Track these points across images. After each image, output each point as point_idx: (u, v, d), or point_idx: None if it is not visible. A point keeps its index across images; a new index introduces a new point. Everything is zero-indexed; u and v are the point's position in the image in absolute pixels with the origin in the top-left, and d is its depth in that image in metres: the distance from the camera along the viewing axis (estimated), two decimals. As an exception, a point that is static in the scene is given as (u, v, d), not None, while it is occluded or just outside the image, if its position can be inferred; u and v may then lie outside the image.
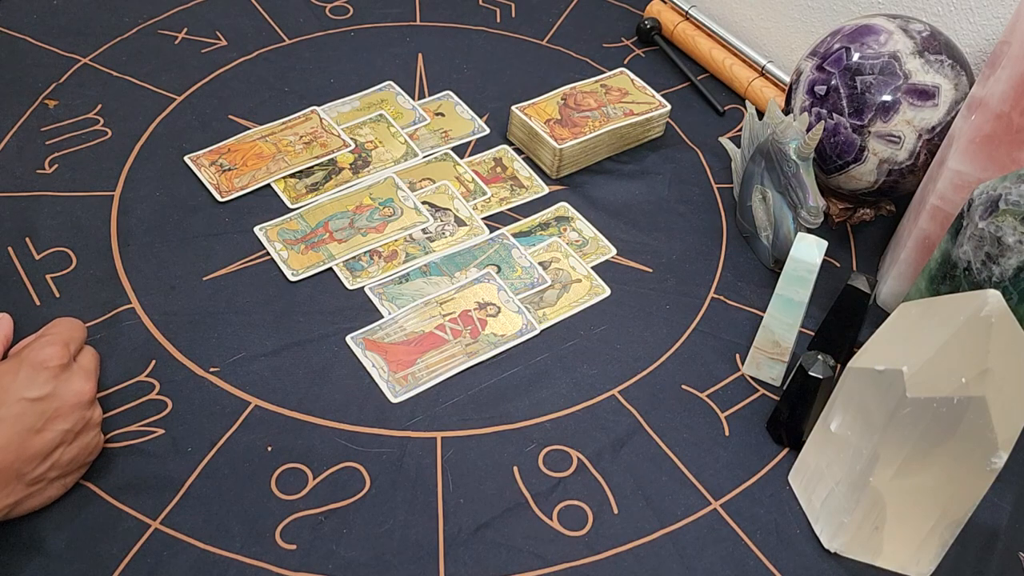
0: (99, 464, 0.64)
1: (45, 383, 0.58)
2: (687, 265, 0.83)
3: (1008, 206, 0.65)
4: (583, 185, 0.89)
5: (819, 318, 0.77)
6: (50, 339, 0.60)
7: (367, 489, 0.65)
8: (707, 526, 0.66)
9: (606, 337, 0.77)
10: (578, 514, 0.66)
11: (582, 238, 0.84)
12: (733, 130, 0.97)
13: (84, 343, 0.65)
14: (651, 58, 1.05)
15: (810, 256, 0.69)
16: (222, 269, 0.78)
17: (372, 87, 0.96)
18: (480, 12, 1.08)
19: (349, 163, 0.88)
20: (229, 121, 0.91)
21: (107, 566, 0.59)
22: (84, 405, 0.60)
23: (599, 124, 0.89)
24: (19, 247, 0.78)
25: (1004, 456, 0.56)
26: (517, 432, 0.70)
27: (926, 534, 0.62)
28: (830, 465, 0.64)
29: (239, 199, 0.84)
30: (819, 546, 0.65)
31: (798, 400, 0.68)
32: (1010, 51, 0.69)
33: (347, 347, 0.73)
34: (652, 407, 0.72)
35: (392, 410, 0.70)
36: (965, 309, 0.55)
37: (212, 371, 0.71)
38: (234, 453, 0.66)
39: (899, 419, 0.57)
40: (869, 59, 0.78)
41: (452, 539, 0.63)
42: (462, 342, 0.74)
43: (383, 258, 0.80)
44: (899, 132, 0.78)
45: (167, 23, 1.01)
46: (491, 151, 0.92)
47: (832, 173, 0.83)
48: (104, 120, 0.89)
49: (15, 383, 0.57)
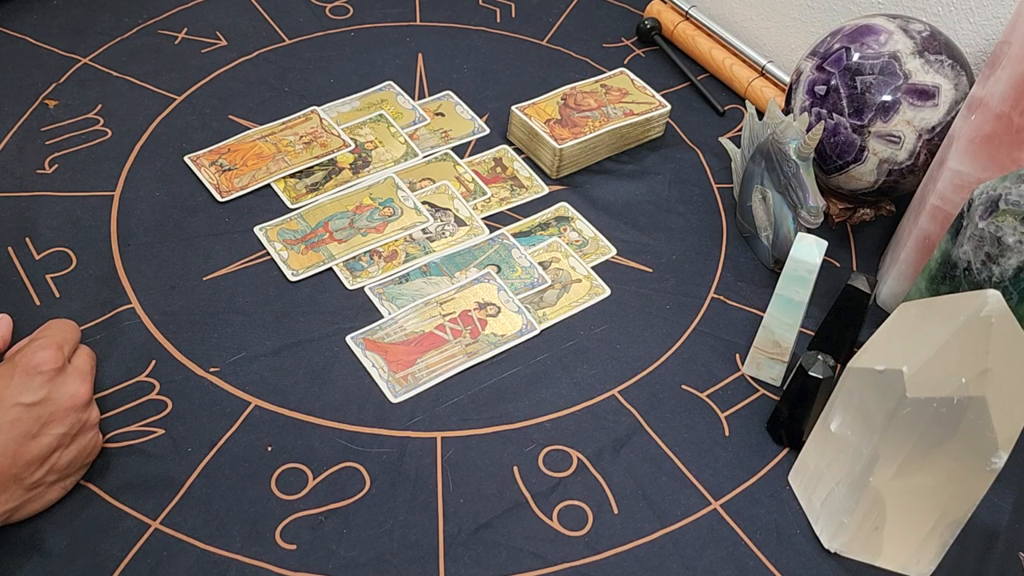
0: (99, 464, 0.64)
1: (39, 388, 0.58)
2: (687, 265, 0.83)
3: (1008, 206, 0.65)
4: (583, 185, 0.89)
5: (819, 318, 0.77)
6: (43, 343, 0.60)
7: (367, 489, 0.65)
8: (707, 526, 0.66)
9: (606, 337, 0.77)
10: (578, 514, 0.66)
11: (582, 238, 0.84)
12: (733, 130, 0.97)
13: (79, 344, 0.65)
14: (651, 58, 1.05)
15: (810, 256, 0.69)
16: (222, 269, 0.78)
17: (372, 87, 0.96)
18: (480, 12, 1.08)
19: (349, 163, 0.88)
20: (229, 121, 0.91)
21: (107, 566, 0.59)
22: (79, 408, 0.60)
23: (599, 124, 0.89)
24: (19, 247, 0.78)
25: (1004, 456, 0.56)
26: (517, 432, 0.70)
27: (926, 534, 0.62)
28: (830, 465, 0.64)
29: (239, 199, 0.84)
30: (819, 546, 0.65)
31: (798, 400, 0.68)
32: (1010, 51, 0.69)
33: (347, 347, 0.73)
34: (652, 407, 0.72)
35: (392, 410, 0.70)
36: (965, 309, 0.55)
37: (212, 371, 0.71)
38: (234, 453, 0.66)
39: (899, 419, 0.57)
40: (869, 59, 0.78)
41: (452, 539, 0.63)
42: (462, 342, 0.74)
43: (383, 258, 0.80)
44: (899, 132, 0.78)
45: (167, 23, 1.01)
46: (491, 151, 0.92)
47: (832, 173, 0.83)
48: (104, 120, 0.89)
49: (9, 389, 0.57)
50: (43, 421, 0.57)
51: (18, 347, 0.62)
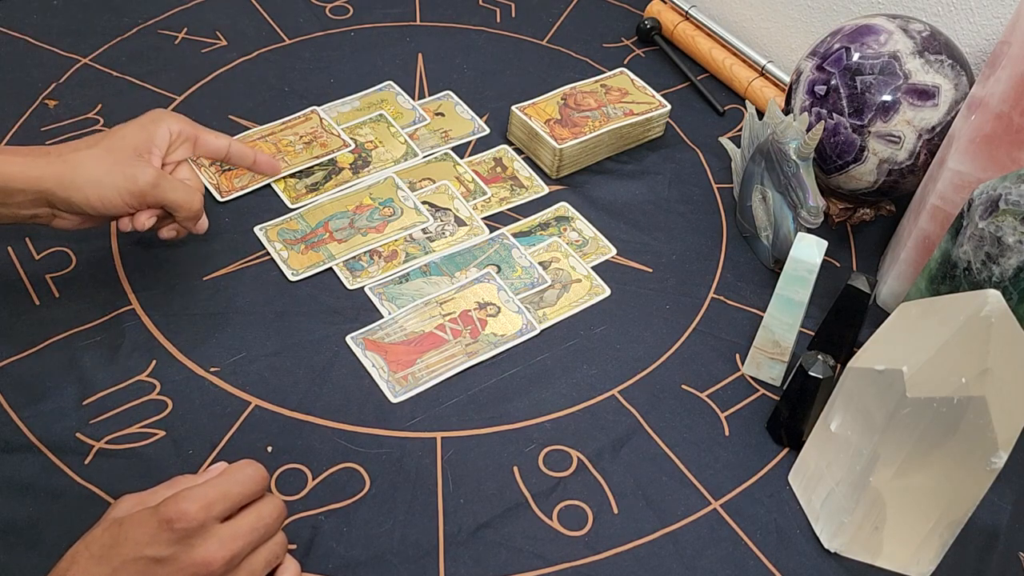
0: (100, 465, 0.64)
1: (167, 544, 0.51)
2: (687, 265, 0.83)
3: (1008, 206, 0.65)
4: (583, 185, 0.89)
5: (819, 318, 0.77)
6: (193, 495, 0.52)
7: (367, 489, 0.65)
8: (707, 526, 0.66)
9: (606, 337, 0.77)
10: (578, 514, 0.66)
11: (582, 238, 0.84)
12: (733, 130, 0.97)
13: (251, 499, 0.55)
14: (651, 58, 1.05)
15: (810, 256, 0.69)
16: (222, 269, 0.78)
17: (372, 87, 0.96)
18: (480, 12, 1.08)
19: (349, 163, 0.88)
20: (229, 121, 0.91)
21: (107, 566, 0.59)
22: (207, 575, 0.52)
23: (599, 124, 0.89)
24: (19, 247, 0.77)
25: (1004, 456, 0.56)
26: (517, 432, 0.70)
27: (926, 534, 0.62)
28: (830, 465, 0.64)
29: (239, 199, 0.84)
30: (819, 546, 0.65)
31: (798, 400, 0.68)
32: (1010, 51, 0.69)
33: (347, 347, 0.73)
34: (652, 407, 0.72)
35: (392, 410, 0.70)
36: (965, 309, 0.55)
37: (212, 371, 0.71)
38: (234, 454, 0.66)
39: (899, 419, 0.57)
40: (869, 59, 0.78)
41: (452, 539, 0.63)
42: (462, 342, 0.74)
43: (383, 258, 0.80)
44: (899, 132, 0.78)
45: (167, 23, 1.01)
46: (491, 151, 0.92)
47: (832, 173, 0.83)
48: (104, 120, 0.89)
49: (139, 535, 0.51)
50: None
51: (183, 480, 0.56)
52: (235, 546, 0.52)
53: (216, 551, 0.51)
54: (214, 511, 0.52)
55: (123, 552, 0.50)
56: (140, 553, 0.50)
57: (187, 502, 0.51)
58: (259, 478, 0.55)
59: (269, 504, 0.55)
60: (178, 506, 0.51)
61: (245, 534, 0.53)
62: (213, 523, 0.52)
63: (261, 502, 0.55)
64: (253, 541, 0.54)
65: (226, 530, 0.52)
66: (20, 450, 0.65)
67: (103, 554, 0.51)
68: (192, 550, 0.51)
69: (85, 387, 0.69)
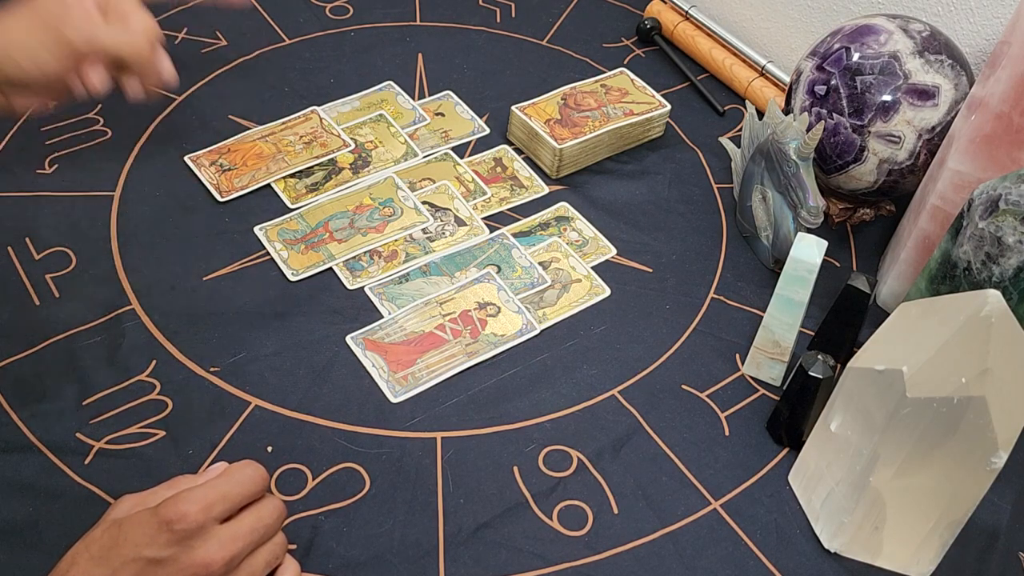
0: (99, 465, 0.64)
1: (166, 545, 0.50)
2: (687, 265, 0.83)
3: (1008, 206, 0.65)
4: (583, 185, 0.89)
5: (819, 318, 0.77)
6: (193, 496, 0.51)
7: (367, 489, 0.65)
8: (707, 526, 0.66)
9: (606, 337, 0.77)
10: (578, 514, 0.66)
11: (582, 238, 0.84)
12: (733, 130, 0.97)
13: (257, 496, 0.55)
14: (651, 58, 1.05)
15: (810, 256, 0.69)
16: (222, 269, 0.78)
17: (372, 87, 0.96)
18: (480, 12, 1.08)
19: (349, 163, 0.88)
20: (229, 121, 0.91)
21: (107, 566, 0.59)
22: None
23: (599, 124, 0.89)
24: (19, 247, 0.77)
25: (1004, 456, 0.56)
26: (517, 432, 0.70)
27: (926, 534, 0.62)
28: (830, 465, 0.64)
29: (239, 199, 0.84)
30: (819, 546, 0.65)
31: (798, 400, 0.68)
32: (1010, 51, 0.69)
33: (347, 347, 0.73)
34: (652, 407, 0.72)
35: (392, 410, 0.70)
36: (965, 309, 0.55)
37: (212, 371, 0.71)
38: (234, 454, 0.66)
39: (899, 419, 0.57)
40: (869, 59, 0.78)
41: (452, 539, 0.63)
42: (462, 342, 0.74)
43: (383, 258, 0.80)
44: (899, 132, 0.78)
45: (167, 23, 1.01)
46: (491, 151, 0.92)
47: (832, 173, 0.83)
48: (104, 120, 0.89)
49: (138, 536, 0.51)
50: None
51: (181, 480, 0.56)
52: (235, 547, 0.52)
53: (216, 552, 0.51)
54: (214, 512, 0.52)
55: (123, 553, 0.50)
56: (139, 554, 0.50)
57: (187, 503, 0.51)
58: (259, 478, 0.55)
59: (269, 505, 0.55)
60: (178, 507, 0.51)
61: (245, 535, 0.53)
62: (213, 524, 0.52)
63: (261, 503, 0.55)
64: (253, 542, 0.53)
65: (226, 531, 0.52)
66: (20, 450, 0.65)
67: (103, 555, 0.51)
68: (192, 551, 0.51)
69: (85, 387, 0.69)
